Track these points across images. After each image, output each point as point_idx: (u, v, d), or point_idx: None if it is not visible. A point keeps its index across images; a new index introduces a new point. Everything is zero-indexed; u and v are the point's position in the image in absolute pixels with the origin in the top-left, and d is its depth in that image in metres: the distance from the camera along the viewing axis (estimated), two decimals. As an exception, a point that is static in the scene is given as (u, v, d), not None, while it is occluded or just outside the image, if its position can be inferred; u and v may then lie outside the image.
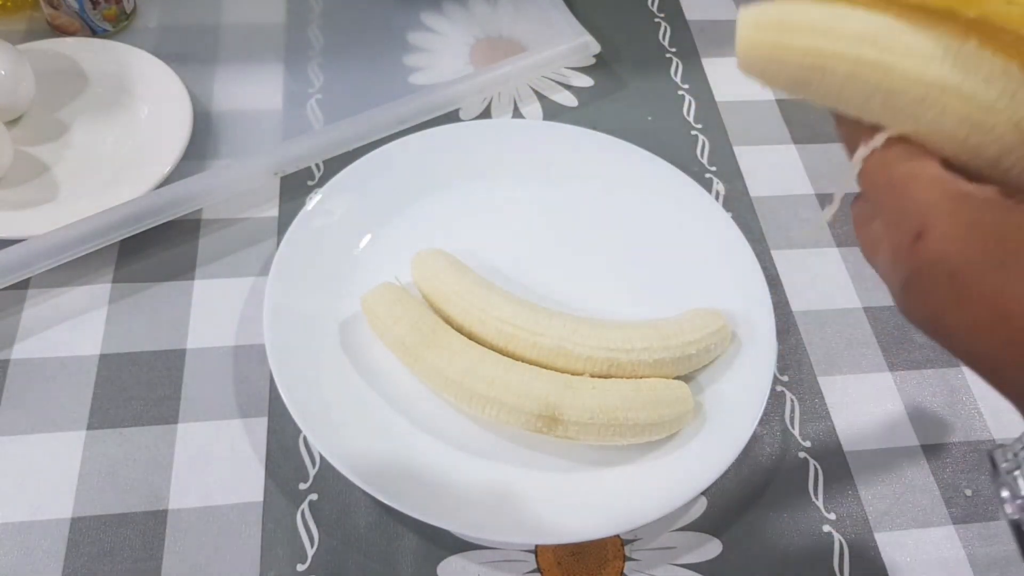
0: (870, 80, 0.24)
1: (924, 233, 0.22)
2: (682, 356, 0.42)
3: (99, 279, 0.48)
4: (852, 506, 0.43)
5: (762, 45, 0.25)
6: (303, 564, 0.39)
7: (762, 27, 0.25)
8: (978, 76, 0.22)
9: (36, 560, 0.38)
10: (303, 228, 0.47)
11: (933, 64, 0.23)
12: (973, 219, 0.22)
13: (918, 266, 0.23)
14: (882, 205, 0.25)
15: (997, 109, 0.22)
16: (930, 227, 0.22)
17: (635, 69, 0.62)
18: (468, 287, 0.44)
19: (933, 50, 0.22)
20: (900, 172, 0.24)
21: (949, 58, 0.22)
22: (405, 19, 0.64)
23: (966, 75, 0.22)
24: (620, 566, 0.40)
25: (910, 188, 0.23)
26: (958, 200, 0.23)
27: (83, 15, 0.57)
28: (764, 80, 0.26)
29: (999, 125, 0.22)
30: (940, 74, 0.23)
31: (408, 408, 0.43)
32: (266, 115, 0.57)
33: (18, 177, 0.51)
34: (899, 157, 0.24)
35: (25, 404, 0.43)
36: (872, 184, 0.25)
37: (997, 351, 0.22)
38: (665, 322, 0.44)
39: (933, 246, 0.22)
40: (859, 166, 0.25)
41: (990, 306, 0.21)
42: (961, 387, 0.48)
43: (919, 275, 0.23)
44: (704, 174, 0.56)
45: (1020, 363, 0.21)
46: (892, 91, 0.23)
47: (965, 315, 0.22)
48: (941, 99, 0.23)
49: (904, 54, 0.23)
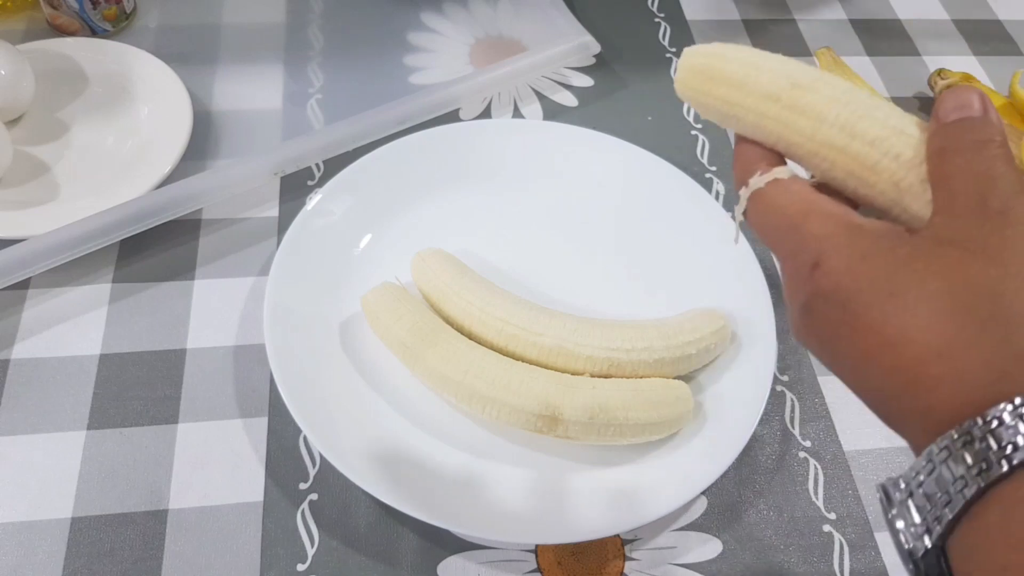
0: (772, 131, 0.27)
1: (820, 263, 0.24)
2: (682, 356, 0.42)
3: (99, 279, 0.48)
4: (852, 506, 0.43)
5: (691, 87, 0.29)
6: (303, 564, 0.39)
7: (694, 71, 0.28)
8: (864, 139, 0.25)
9: (36, 560, 0.38)
10: (303, 228, 0.47)
11: (824, 125, 0.25)
12: (865, 250, 0.23)
13: (813, 294, 0.24)
14: (775, 239, 0.26)
15: (878, 169, 0.25)
16: (825, 258, 0.24)
17: (635, 69, 0.62)
18: (468, 287, 0.44)
19: (826, 112, 0.25)
20: (796, 207, 0.25)
21: (839, 121, 0.25)
22: (405, 19, 0.64)
23: (852, 139, 0.25)
24: (620, 566, 0.40)
25: (808, 221, 0.25)
26: (852, 232, 0.24)
27: (83, 15, 0.57)
28: (698, 110, 0.29)
29: (880, 183, 0.25)
30: (829, 135, 0.25)
31: (408, 408, 0.43)
32: (266, 115, 0.57)
33: (18, 177, 0.51)
34: (794, 193, 0.26)
35: (25, 404, 0.43)
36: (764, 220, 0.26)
37: (884, 378, 0.22)
38: (665, 322, 0.44)
39: (828, 276, 0.23)
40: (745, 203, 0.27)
41: (878, 333, 0.22)
42: (961, 387, 0.48)
43: (814, 302, 0.24)
44: (704, 174, 0.56)
45: (904, 390, 0.22)
46: (790, 143, 0.26)
47: (856, 342, 0.23)
48: (830, 155, 0.25)
49: (801, 112, 0.26)
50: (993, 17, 0.71)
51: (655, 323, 0.44)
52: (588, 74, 0.62)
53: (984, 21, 0.70)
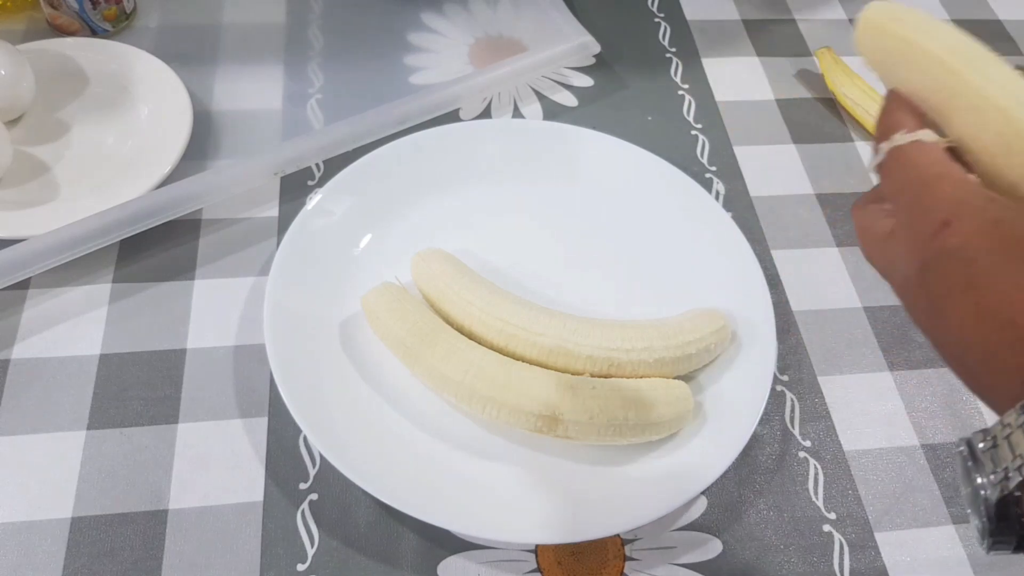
0: (939, 80, 0.28)
1: (950, 223, 0.25)
2: (682, 356, 0.42)
3: (99, 279, 0.47)
4: (852, 506, 0.43)
5: (878, 24, 0.31)
6: (303, 564, 0.39)
7: (883, 11, 0.30)
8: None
9: (36, 560, 0.38)
10: (303, 228, 0.47)
11: (992, 85, 0.27)
12: (998, 217, 0.24)
13: (938, 252, 0.25)
14: (906, 195, 0.27)
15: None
16: (957, 218, 0.25)
17: (635, 69, 0.62)
18: (468, 287, 0.44)
19: (997, 76, 0.27)
20: (933, 170, 0.27)
21: (1008, 85, 0.26)
22: (405, 19, 0.64)
23: (1018, 104, 0.26)
24: (620, 566, 0.40)
25: (941, 184, 0.26)
26: (986, 199, 0.25)
27: (83, 15, 0.57)
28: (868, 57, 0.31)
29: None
30: (995, 93, 0.26)
31: (408, 408, 0.43)
32: (266, 115, 0.57)
33: (18, 177, 0.51)
34: (933, 156, 0.27)
35: (25, 404, 0.43)
36: (899, 175, 0.28)
37: (996, 333, 0.23)
38: (665, 322, 0.44)
39: (957, 235, 0.25)
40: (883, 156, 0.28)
41: (1001, 291, 0.23)
42: (961, 387, 0.48)
43: (937, 260, 0.25)
44: (704, 174, 0.56)
45: (1013, 345, 0.23)
46: (952, 93, 0.28)
47: (974, 299, 0.24)
48: (988, 113, 0.27)
49: (974, 70, 0.27)
50: (993, 17, 0.71)
51: (655, 323, 0.44)
52: (588, 74, 0.62)
53: (984, 21, 0.70)
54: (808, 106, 0.62)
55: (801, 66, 0.64)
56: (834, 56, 0.62)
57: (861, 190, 0.55)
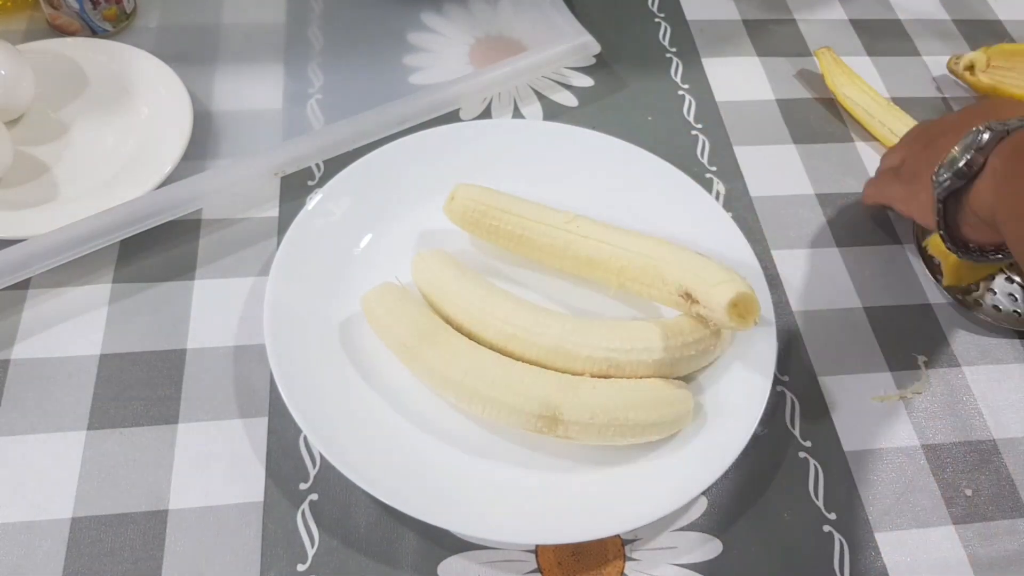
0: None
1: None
2: (682, 356, 0.42)
3: (99, 279, 0.47)
4: (852, 506, 0.43)
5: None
6: (303, 564, 0.39)
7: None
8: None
9: (36, 560, 0.38)
10: (303, 228, 0.47)
11: None
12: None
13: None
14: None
15: None
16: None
17: (635, 69, 0.62)
18: (468, 287, 0.44)
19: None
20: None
21: None
22: (405, 19, 0.64)
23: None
24: (620, 566, 0.40)
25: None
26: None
27: (83, 15, 0.57)
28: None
29: None
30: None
31: (408, 408, 0.43)
32: (266, 115, 0.57)
33: (18, 177, 0.51)
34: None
35: (25, 404, 0.43)
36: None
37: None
38: (665, 322, 0.44)
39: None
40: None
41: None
42: (961, 387, 0.48)
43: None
44: (704, 174, 0.56)
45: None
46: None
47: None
48: None
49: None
50: (993, 17, 0.71)
51: (655, 323, 0.44)
52: (588, 74, 0.62)
53: (984, 21, 0.70)
54: (808, 106, 0.62)
55: (801, 66, 0.64)
56: (834, 56, 0.62)
57: (861, 190, 0.55)
